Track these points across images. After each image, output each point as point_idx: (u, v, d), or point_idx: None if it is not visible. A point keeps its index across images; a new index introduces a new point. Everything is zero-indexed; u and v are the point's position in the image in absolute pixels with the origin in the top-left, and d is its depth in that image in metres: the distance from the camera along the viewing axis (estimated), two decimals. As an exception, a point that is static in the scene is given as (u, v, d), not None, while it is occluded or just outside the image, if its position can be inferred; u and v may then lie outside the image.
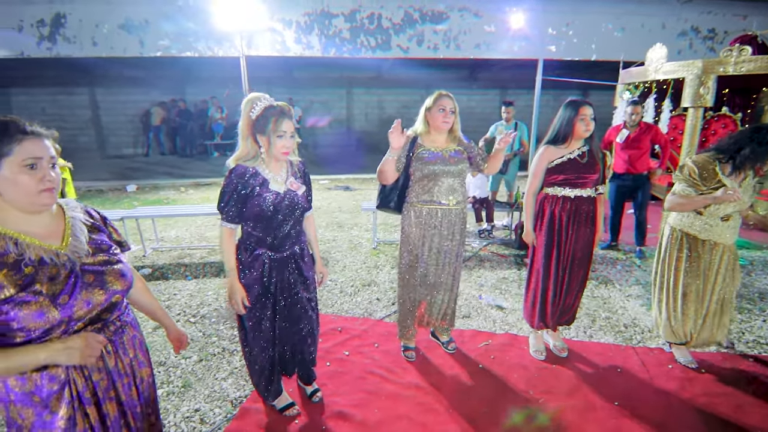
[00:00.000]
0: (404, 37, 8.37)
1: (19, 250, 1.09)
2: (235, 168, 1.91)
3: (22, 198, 1.10)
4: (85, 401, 1.21)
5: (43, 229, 1.17)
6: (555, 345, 2.91)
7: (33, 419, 1.15)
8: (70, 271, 1.15)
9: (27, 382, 1.13)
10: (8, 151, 1.06)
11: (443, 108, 2.47)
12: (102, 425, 1.25)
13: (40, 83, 12.78)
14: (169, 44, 8.16)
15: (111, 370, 1.27)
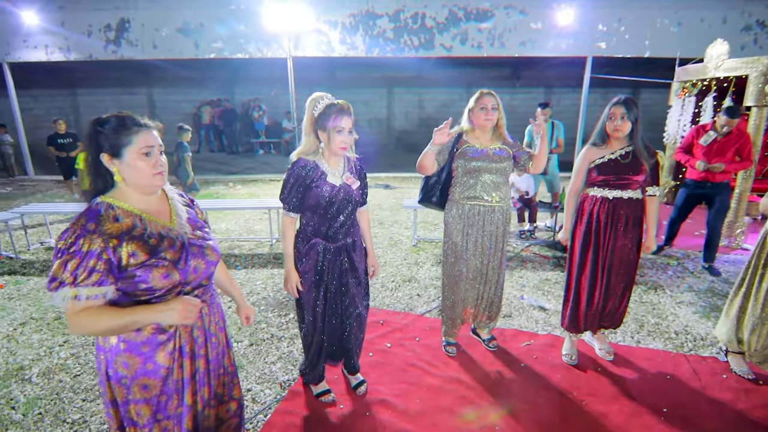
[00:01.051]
0: (447, 36, 8.37)
1: (143, 225, 1.27)
2: (297, 161, 2.05)
3: (141, 180, 1.27)
4: (184, 354, 1.36)
5: (155, 209, 1.35)
6: (601, 348, 2.85)
7: (137, 367, 1.29)
8: (182, 243, 1.33)
9: (139, 333, 1.28)
10: (128, 141, 1.24)
11: (484, 106, 2.50)
12: (192, 379, 1.39)
13: (104, 84, 13.76)
14: (222, 46, 8.58)
15: (206, 328, 1.43)
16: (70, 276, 1.15)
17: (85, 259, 1.16)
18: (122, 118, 1.26)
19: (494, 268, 2.72)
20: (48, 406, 2.42)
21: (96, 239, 1.17)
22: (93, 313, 1.18)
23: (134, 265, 1.22)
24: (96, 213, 1.22)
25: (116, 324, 1.21)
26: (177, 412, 1.38)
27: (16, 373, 2.73)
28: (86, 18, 8.56)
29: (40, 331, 3.25)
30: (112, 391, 1.33)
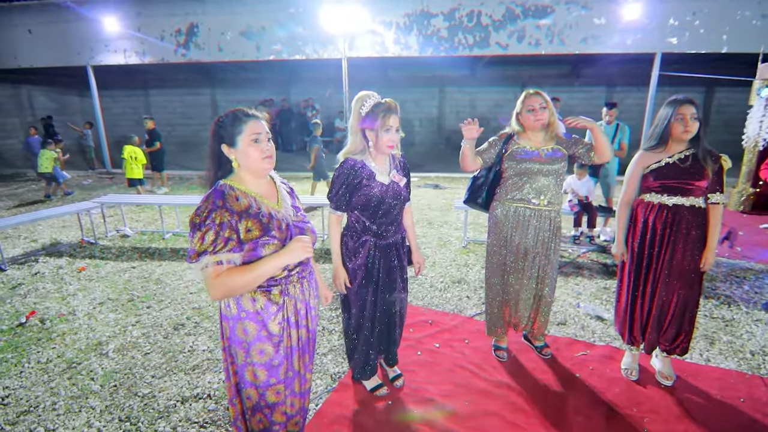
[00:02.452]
0: (504, 33, 8.17)
1: (257, 205, 1.45)
2: (345, 161, 2.10)
3: (253, 164, 1.45)
4: (291, 324, 1.56)
5: (264, 192, 1.52)
6: (661, 372, 2.62)
7: (255, 333, 1.49)
8: (287, 224, 1.50)
9: (257, 303, 1.48)
10: (240, 130, 1.43)
11: (532, 107, 2.42)
12: (297, 346, 1.60)
13: (172, 85, 14.76)
14: (281, 48, 8.92)
15: (307, 302, 1.61)
16: (210, 245, 1.34)
17: (221, 229, 1.35)
18: (235, 112, 1.45)
19: (541, 274, 2.63)
20: (122, 380, 2.66)
21: (225, 213, 1.36)
22: (229, 274, 1.36)
23: (249, 239, 1.39)
24: (221, 193, 1.41)
25: (250, 277, 1.38)
26: (288, 376, 1.59)
27: (95, 348, 3.02)
28: (160, 23, 9.23)
29: (116, 311, 3.56)
30: (234, 354, 1.52)
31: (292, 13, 8.66)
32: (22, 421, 2.33)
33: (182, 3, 8.89)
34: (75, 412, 2.38)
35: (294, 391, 1.65)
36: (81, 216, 5.72)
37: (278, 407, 1.60)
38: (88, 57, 9.82)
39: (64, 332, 3.23)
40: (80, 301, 3.76)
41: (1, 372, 2.76)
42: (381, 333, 2.39)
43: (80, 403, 2.46)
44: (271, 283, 1.50)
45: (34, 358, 2.91)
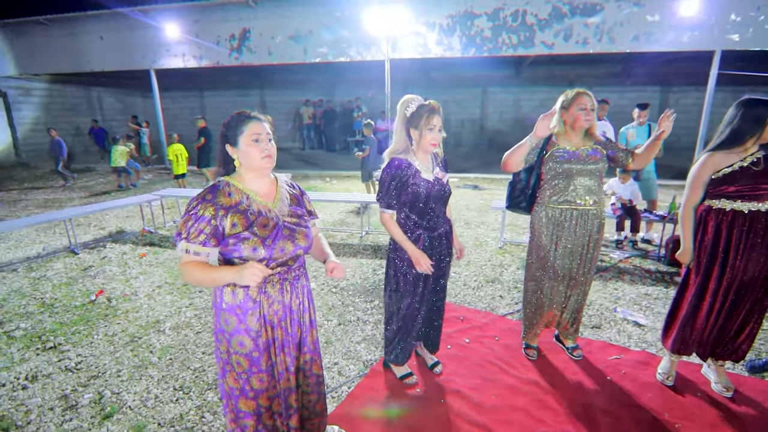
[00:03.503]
0: (550, 32, 8.01)
1: (248, 203, 1.54)
2: (391, 161, 2.22)
3: (252, 163, 1.54)
4: (267, 322, 1.60)
5: (263, 191, 1.61)
6: (717, 383, 2.53)
7: (234, 325, 1.57)
8: (275, 223, 1.56)
9: (235, 297, 1.55)
10: (242, 131, 1.52)
11: (584, 107, 2.41)
12: (273, 343, 1.64)
13: (225, 87, 15.58)
14: (327, 51, 9.21)
15: (287, 304, 1.65)
16: (185, 231, 1.46)
17: (198, 221, 1.46)
18: (238, 114, 1.56)
19: (583, 275, 2.63)
20: (176, 354, 2.94)
21: (209, 207, 1.47)
22: (194, 266, 1.47)
23: (232, 233, 1.49)
24: (216, 188, 1.53)
25: (205, 277, 1.47)
26: (267, 366, 1.65)
27: (153, 325, 3.34)
28: (216, 29, 9.81)
29: (172, 294, 3.90)
30: (219, 341, 1.63)
31: (338, 17, 8.93)
32: (92, 384, 2.65)
33: (236, 9, 9.41)
34: (136, 380, 2.68)
35: (274, 377, 1.68)
36: (143, 207, 6.24)
37: (263, 393, 1.67)
38: (151, 61, 10.60)
39: (127, 310, 3.60)
40: (141, 283, 4.15)
41: (75, 342, 3.13)
42: (425, 319, 2.52)
43: (141, 372, 2.76)
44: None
45: (102, 331, 3.27)
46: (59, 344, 3.10)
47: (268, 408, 1.71)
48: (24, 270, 4.59)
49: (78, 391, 2.59)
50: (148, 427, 2.28)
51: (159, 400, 2.49)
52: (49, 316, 3.52)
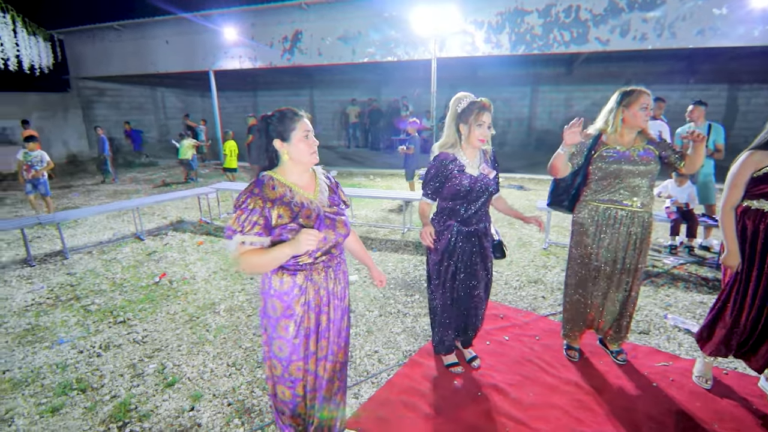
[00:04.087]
0: (605, 28, 7.71)
1: (291, 195, 1.63)
2: (438, 154, 2.33)
3: (302, 157, 1.64)
4: (312, 308, 1.70)
5: (304, 183, 1.70)
6: None
7: (281, 310, 1.66)
8: (317, 214, 1.66)
9: (282, 284, 1.65)
10: (294, 127, 1.62)
11: (645, 106, 2.35)
12: (316, 329, 1.74)
13: (277, 87, 16.21)
14: (374, 51, 9.37)
15: (331, 290, 1.75)
16: (239, 226, 1.55)
17: (250, 214, 1.56)
18: (286, 111, 1.64)
19: (627, 279, 2.57)
20: (229, 334, 3.17)
21: (258, 200, 1.57)
22: (252, 254, 1.55)
23: (279, 224, 1.59)
24: (261, 182, 1.62)
25: (264, 258, 1.55)
26: (305, 354, 1.73)
27: (209, 307, 3.61)
28: (270, 32, 10.25)
29: (226, 279, 4.18)
30: (265, 327, 1.74)
31: (386, 17, 9.06)
32: (156, 355, 2.93)
33: (290, 12, 9.79)
34: (194, 354, 2.92)
35: (309, 369, 1.76)
36: (200, 199, 6.68)
37: (299, 382, 1.76)
38: (210, 62, 11.25)
39: (186, 292, 3.90)
40: (199, 268, 4.48)
41: (141, 318, 3.45)
42: (460, 314, 2.57)
43: (198, 347, 3.00)
44: (297, 268, 1.65)
45: (164, 309, 3.58)
46: (128, 319, 3.43)
47: (302, 397, 1.80)
48: (97, 252, 5.08)
49: (144, 361, 2.87)
50: (205, 396, 2.50)
51: (214, 374, 2.71)
52: (119, 294, 3.89)
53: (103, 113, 14.38)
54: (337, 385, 1.90)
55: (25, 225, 4.81)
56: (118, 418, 2.34)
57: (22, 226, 4.76)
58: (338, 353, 1.85)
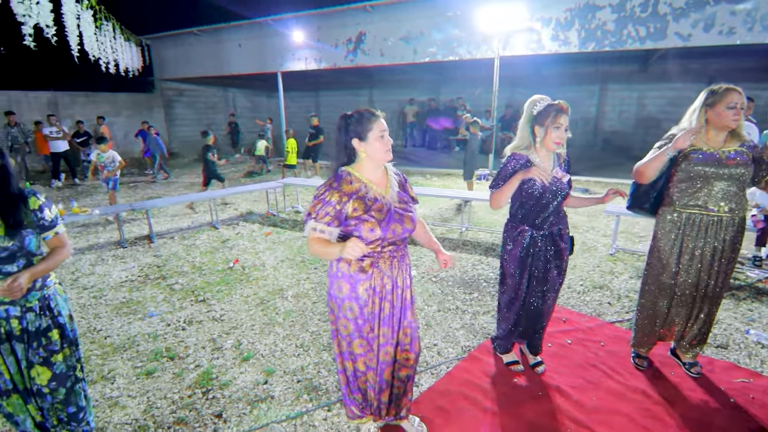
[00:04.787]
0: (686, 22, 7.18)
1: (366, 190, 1.76)
2: (511, 155, 2.33)
3: (378, 155, 1.76)
4: (376, 293, 1.82)
5: (377, 179, 1.82)
6: None
7: (346, 292, 1.81)
8: (388, 209, 1.77)
9: (351, 268, 1.79)
10: (371, 128, 1.74)
11: (734, 105, 2.19)
12: (379, 314, 1.86)
13: (338, 87, 16.67)
14: (436, 51, 9.39)
15: (394, 279, 1.86)
16: (315, 213, 1.71)
17: (326, 205, 1.70)
18: (364, 112, 1.75)
19: (711, 290, 2.43)
20: (297, 318, 3.39)
21: (335, 193, 1.71)
22: (318, 242, 1.71)
23: (353, 216, 1.72)
24: (340, 177, 1.76)
25: (322, 250, 1.69)
26: (369, 336, 1.87)
27: (278, 292, 3.87)
28: (335, 34, 10.61)
29: (292, 267, 4.44)
30: (331, 306, 1.89)
31: (449, 17, 9.04)
32: (232, 332, 3.20)
33: (354, 15, 10.06)
34: (266, 334, 3.17)
35: (373, 349, 1.89)
36: (268, 193, 7.10)
37: (360, 358, 1.91)
38: (278, 64, 11.85)
39: (257, 278, 4.21)
40: (267, 257, 4.80)
41: (219, 298, 3.77)
42: (527, 317, 2.56)
43: (269, 328, 3.25)
44: (365, 255, 1.75)
45: (238, 292, 3.89)
46: (207, 299, 3.77)
47: (363, 373, 1.95)
48: (178, 238, 5.58)
49: (222, 336, 3.16)
50: (276, 372, 2.71)
51: (284, 353, 2.93)
52: (199, 276, 4.28)
53: (181, 112, 15.61)
54: (405, 374, 2.00)
55: (120, 211, 5.41)
56: (202, 385, 2.61)
57: (118, 212, 5.36)
58: (405, 342, 1.95)
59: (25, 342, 1.76)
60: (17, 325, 1.73)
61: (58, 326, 1.83)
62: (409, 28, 9.52)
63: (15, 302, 1.71)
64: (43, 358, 1.79)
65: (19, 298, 1.69)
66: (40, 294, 1.78)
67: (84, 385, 1.98)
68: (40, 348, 1.78)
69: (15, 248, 1.68)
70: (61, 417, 1.92)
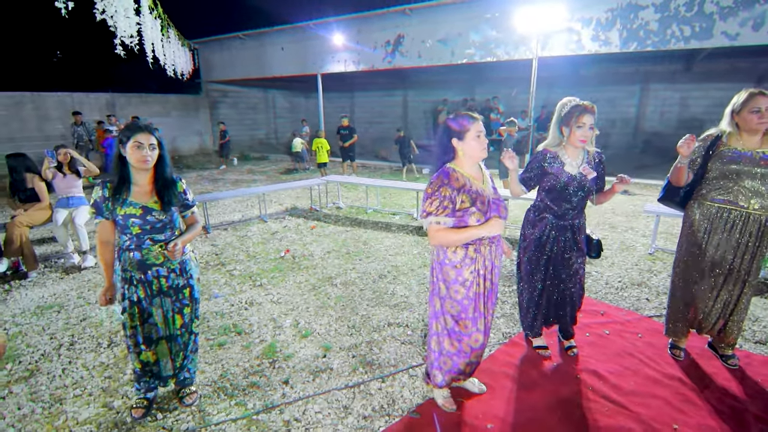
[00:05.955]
0: (734, 21, 7.04)
1: (470, 184, 2.01)
2: (541, 150, 2.57)
3: (474, 154, 2.03)
4: (480, 275, 2.11)
5: (475, 174, 2.08)
6: None
7: (453, 276, 2.08)
8: (488, 200, 2.05)
9: (457, 255, 2.05)
10: (468, 129, 2.00)
11: (757, 109, 2.33)
12: (483, 293, 2.15)
13: (372, 87, 17.02)
14: (474, 52, 9.53)
15: (492, 260, 2.15)
16: (434, 209, 1.97)
17: (443, 200, 1.96)
18: (464, 115, 2.03)
19: (738, 281, 2.54)
20: (347, 303, 3.68)
21: (447, 189, 1.97)
22: (445, 232, 1.98)
23: (462, 208, 1.98)
24: (447, 173, 2.02)
25: (457, 237, 1.98)
26: (473, 316, 2.15)
27: (328, 280, 4.18)
28: (374, 37, 10.92)
29: (338, 258, 4.76)
30: (438, 288, 2.15)
31: (488, 18, 9.16)
32: (290, 313, 3.53)
33: (393, 18, 10.35)
34: (320, 316, 3.48)
35: (478, 328, 2.18)
36: (311, 189, 7.48)
37: (465, 338, 2.17)
38: (318, 66, 12.29)
39: (307, 266, 4.54)
40: (315, 248, 5.13)
41: (274, 284, 4.12)
42: (550, 302, 2.76)
43: (322, 311, 3.56)
44: (469, 243, 2.03)
45: (291, 278, 4.23)
46: (264, 284, 4.13)
47: (467, 354, 2.22)
48: (231, 230, 6.02)
49: (281, 317, 3.49)
50: (333, 348, 3.01)
51: (338, 332, 3.23)
52: (254, 264, 4.66)
53: (225, 112, 16.39)
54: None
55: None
56: (269, 356, 2.94)
57: (179, 204, 5.85)
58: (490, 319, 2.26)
59: (170, 296, 2.23)
60: (165, 282, 2.19)
61: (189, 286, 2.28)
62: (447, 30, 9.70)
63: (163, 264, 2.15)
64: (178, 309, 2.27)
65: (165, 261, 2.15)
66: (180, 258, 2.22)
67: (196, 339, 2.43)
68: (177, 301, 2.25)
69: (167, 221, 2.13)
70: (184, 363, 2.39)
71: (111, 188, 2.05)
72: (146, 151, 2.02)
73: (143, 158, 2.02)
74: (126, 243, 2.10)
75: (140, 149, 2.01)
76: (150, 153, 2.04)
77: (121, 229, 2.09)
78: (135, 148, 2.00)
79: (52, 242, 5.48)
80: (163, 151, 2.13)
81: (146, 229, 2.08)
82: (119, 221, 2.06)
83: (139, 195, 2.08)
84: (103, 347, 3.09)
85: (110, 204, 2.05)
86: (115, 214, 2.05)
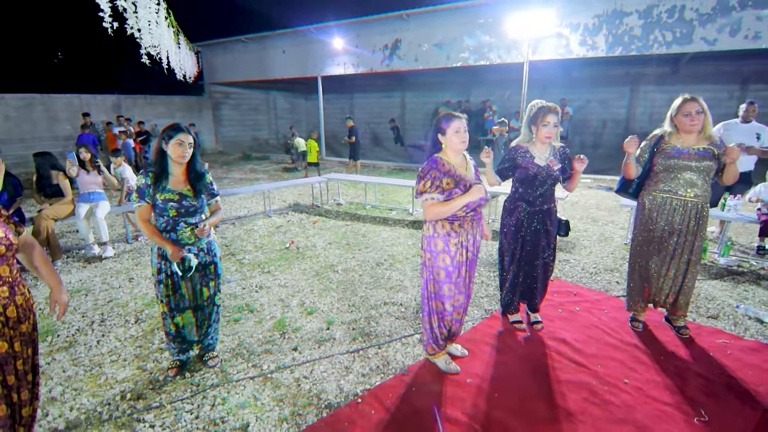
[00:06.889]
0: (712, 27, 7.47)
1: (453, 170, 2.42)
2: (514, 146, 2.99)
3: (454, 147, 2.42)
4: (463, 246, 2.50)
5: (458, 162, 2.48)
6: None
7: (441, 247, 2.46)
8: (470, 183, 2.45)
9: (444, 228, 2.44)
10: (448, 126, 2.42)
11: (688, 113, 2.77)
12: (465, 261, 2.54)
13: (371, 89, 17.43)
14: (468, 56, 9.96)
15: (474, 235, 2.54)
16: (426, 188, 2.39)
17: (433, 180, 2.38)
18: (448, 114, 2.45)
19: (683, 257, 2.97)
20: (347, 286, 4.09)
21: (435, 172, 2.39)
22: (437, 205, 2.38)
23: (447, 189, 2.39)
24: (435, 160, 2.44)
25: (448, 207, 2.36)
26: (456, 280, 2.55)
27: (330, 267, 4.59)
28: (373, 40, 11.34)
29: (339, 249, 5.17)
30: (426, 259, 2.55)
31: (481, 23, 9.59)
32: (296, 295, 3.94)
33: (392, 22, 10.77)
34: (323, 297, 3.89)
35: (460, 290, 2.59)
36: (312, 186, 7.89)
37: (448, 299, 2.57)
38: (319, 69, 12.71)
39: (311, 256, 4.95)
40: (317, 240, 5.55)
41: (281, 271, 4.53)
42: (524, 282, 3.17)
43: (325, 293, 3.96)
44: (455, 219, 2.43)
45: (296, 266, 4.64)
46: (271, 270, 4.54)
47: (450, 313, 2.61)
48: (238, 224, 6.43)
49: (288, 298, 3.90)
50: (335, 322, 3.42)
51: (339, 310, 3.64)
52: (261, 254, 5.07)
53: (227, 113, 16.80)
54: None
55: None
56: (279, 329, 3.34)
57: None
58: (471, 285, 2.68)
59: (198, 271, 2.64)
60: (195, 259, 2.60)
61: (214, 263, 2.71)
62: (443, 35, 10.13)
63: (194, 244, 2.58)
64: (205, 282, 2.69)
65: (196, 242, 2.58)
66: (206, 239, 2.65)
67: (219, 310, 2.85)
68: (204, 276, 2.67)
69: (198, 206, 2.56)
70: (208, 330, 2.81)
71: (153, 177, 2.46)
72: (186, 148, 2.45)
73: (182, 154, 2.44)
74: (162, 225, 2.51)
75: (181, 146, 2.43)
76: (188, 150, 2.47)
77: (159, 212, 2.50)
78: (177, 145, 2.42)
79: (74, 234, 5.89)
80: (196, 149, 2.55)
81: (181, 212, 2.50)
82: (159, 205, 2.47)
83: (175, 183, 2.50)
84: (130, 323, 3.49)
85: (151, 190, 2.46)
86: (155, 198, 2.47)
